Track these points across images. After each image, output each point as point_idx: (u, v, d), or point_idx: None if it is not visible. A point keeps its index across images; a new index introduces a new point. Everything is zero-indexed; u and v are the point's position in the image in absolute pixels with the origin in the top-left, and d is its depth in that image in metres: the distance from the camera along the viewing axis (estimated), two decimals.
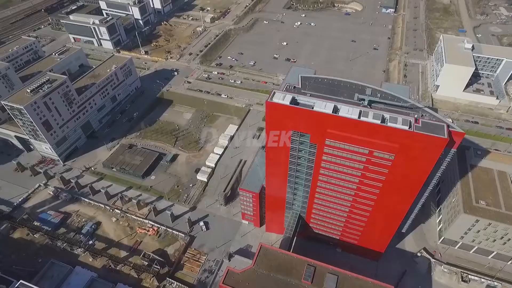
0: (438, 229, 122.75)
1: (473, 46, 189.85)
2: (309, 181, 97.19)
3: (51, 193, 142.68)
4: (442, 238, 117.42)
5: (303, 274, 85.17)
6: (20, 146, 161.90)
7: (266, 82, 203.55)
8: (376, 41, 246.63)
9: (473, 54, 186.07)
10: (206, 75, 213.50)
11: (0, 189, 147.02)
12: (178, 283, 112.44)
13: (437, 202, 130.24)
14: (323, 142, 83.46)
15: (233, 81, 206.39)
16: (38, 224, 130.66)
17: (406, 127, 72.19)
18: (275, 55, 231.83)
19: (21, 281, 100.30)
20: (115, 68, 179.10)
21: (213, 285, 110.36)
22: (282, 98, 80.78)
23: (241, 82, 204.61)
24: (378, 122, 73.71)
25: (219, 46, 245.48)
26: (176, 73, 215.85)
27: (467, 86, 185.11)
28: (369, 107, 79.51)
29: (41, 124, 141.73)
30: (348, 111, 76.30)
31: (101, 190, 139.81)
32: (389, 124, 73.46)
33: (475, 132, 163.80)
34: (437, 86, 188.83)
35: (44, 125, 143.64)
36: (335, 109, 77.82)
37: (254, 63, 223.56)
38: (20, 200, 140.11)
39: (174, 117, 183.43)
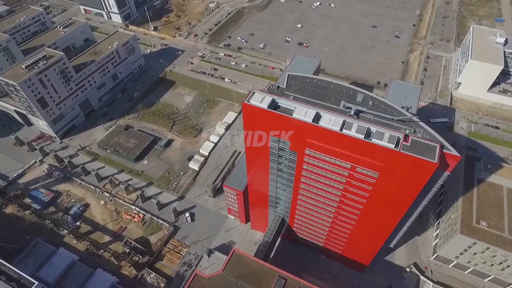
0: (433, 244, 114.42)
1: (506, 40, 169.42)
2: (291, 187, 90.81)
3: (45, 170, 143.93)
4: (436, 254, 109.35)
5: (272, 286, 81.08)
6: (21, 121, 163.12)
7: (273, 68, 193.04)
8: (400, 28, 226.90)
9: (505, 50, 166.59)
10: (212, 57, 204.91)
11: None
12: (156, 275, 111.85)
13: (438, 214, 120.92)
14: (303, 151, 76.11)
15: (236, 63, 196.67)
16: (30, 201, 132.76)
17: (392, 146, 63.47)
18: (287, 38, 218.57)
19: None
20: (116, 45, 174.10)
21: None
22: (261, 100, 73.21)
23: (246, 66, 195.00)
24: (362, 136, 65.23)
25: (230, 25, 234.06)
26: (180, 52, 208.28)
27: (493, 85, 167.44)
28: (355, 117, 70.66)
29: (36, 102, 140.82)
30: (330, 121, 68.02)
31: (91, 172, 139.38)
32: (374, 140, 64.84)
33: (494, 138, 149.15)
34: (459, 84, 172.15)
35: (40, 102, 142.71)
36: (317, 117, 69.69)
37: (264, 46, 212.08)
38: (15, 175, 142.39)
39: (174, 100, 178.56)
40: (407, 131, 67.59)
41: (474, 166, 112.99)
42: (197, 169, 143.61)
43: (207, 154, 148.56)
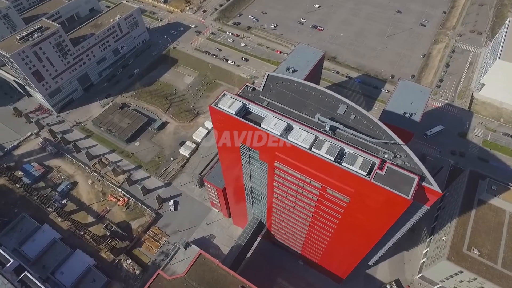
0: (421, 261, 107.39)
1: None
2: (264, 194, 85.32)
3: (39, 144, 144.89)
4: (421, 274, 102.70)
5: None
6: (21, 91, 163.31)
7: (280, 52, 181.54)
8: (427, 15, 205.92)
9: None
10: (219, 35, 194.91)
11: None
12: (132, 261, 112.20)
13: (432, 230, 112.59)
14: (273, 164, 69.65)
15: (244, 45, 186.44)
16: (21, 174, 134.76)
17: (364, 173, 55.90)
18: (301, 19, 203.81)
19: None
20: (118, 18, 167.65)
21: (163, 271, 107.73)
22: (229, 105, 66.49)
23: (253, 48, 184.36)
24: (332, 159, 57.85)
25: (243, 1, 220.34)
26: (187, 28, 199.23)
27: None
28: (330, 133, 62.75)
29: (31, 74, 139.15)
30: (300, 137, 60.72)
31: (81, 150, 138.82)
32: (344, 164, 57.40)
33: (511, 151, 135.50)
34: (482, 85, 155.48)
35: (35, 75, 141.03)
36: (287, 131, 62.49)
37: (275, 26, 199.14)
38: (11, 146, 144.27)
39: (174, 79, 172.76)
40: (386, 156, 59.29)
41: (477, 184, 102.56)
42: (188, 156, 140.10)
43: (199, 141, 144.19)
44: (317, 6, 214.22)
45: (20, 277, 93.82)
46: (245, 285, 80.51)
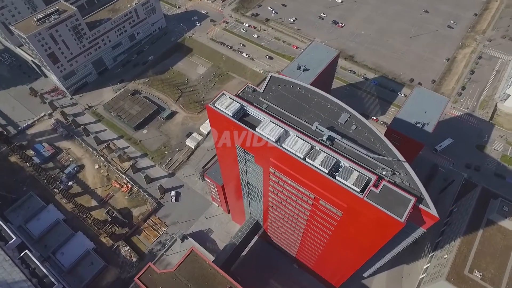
0: (420, 277, 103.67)
1: None
2: (260, 196, 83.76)
3: (51, 125, 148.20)
4: None
5: None
6: (38, 71, 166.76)
7: (297, 47, 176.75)
8: (456, 16, 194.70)
9: None
10: (236, 26, 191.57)
11: (13, 109, 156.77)
12: (130, 248, 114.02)
13: (436, 245, 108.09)
14: (268, 169, 67.68)
15: (256, 36, 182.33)
16: (32, 153, 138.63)
17: (357, 190, 53.17)
18: (322, 14, 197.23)
19: None
20: (136, 4, 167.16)
21: (158, 261, 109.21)
22: (226, 106, 64.53)
23: (268, 42, 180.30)
24: (325, 171, 55.33)
25: None
26: (203, 17, 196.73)
27: None
28: (328, 143, 59.96)
29: (46, 56, 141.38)
30: (295, 145, 58.34)
31: (90, 134, 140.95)
32: (338, 178, 54.80)
33: None
34: (508, 95, 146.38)
35: (50, 58, 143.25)
36: (282, 137, 60.19)
37: (294, 20, 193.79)
38: (25, 125, 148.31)
39: (187, 69, 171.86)
40: (384, 172, 56.15)
41: (488, 203, 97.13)
42: (193, 148, 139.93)
43: (206, 134, 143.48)
44: (339, 1, 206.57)
45: (21, 254, 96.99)
46: (233, 286, 79.91)
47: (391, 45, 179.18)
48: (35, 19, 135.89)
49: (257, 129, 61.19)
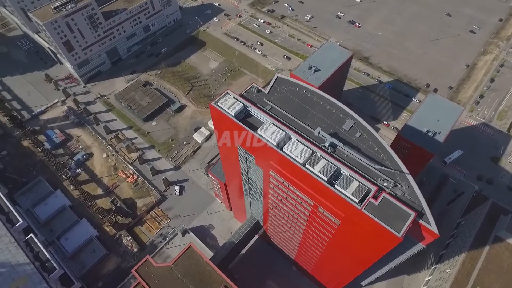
0: None
1: None
2: (261, 198, 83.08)
3: (64, 112, 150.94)
4: None
5: None
6: (54, 58, 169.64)
7: (311, 46, 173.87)
8: (480, 21, 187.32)
9: None
10: (250, 22, 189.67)
11: (29, 94, 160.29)
12: (132, 238, 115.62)
13: (440, 257, 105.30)
14: (268, 172, 66.78)
15: (269, 32, 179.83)
16: (44, 138, 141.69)
17: (356, 200, 51.76)
18: (339, 13, 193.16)
19: None
20: None
21: (158, 253, 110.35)
22: (229, 105, 63.73)
23: (283, 39, 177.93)
24: (325, 179, 54.05)
25: None
26: (219, 11, 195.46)
27: None
28: (330, 149, 58.53)
29: (61, 44, 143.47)
30: (295, 150, 57.17)
31: (100, 123, 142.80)
32: (337, 187, 53.44)
33: None
34: None
35: (65, 45, 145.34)
36: (283, 141, 59.08)
37: (310, 18, 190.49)
38: (38, 111, 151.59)
39: (199, 62, 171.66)
40: (385, 184, 54.46)
41: (497, 219, 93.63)
42: (200, 142, 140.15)
43: (214, 129, 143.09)
44: (358, 0, 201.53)
45: (26, 238, 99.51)
46: (228, 285, 79.84)
47: (408, 48, 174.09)
48: (52, 7, 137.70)
49: (258, 131, 60.25)
